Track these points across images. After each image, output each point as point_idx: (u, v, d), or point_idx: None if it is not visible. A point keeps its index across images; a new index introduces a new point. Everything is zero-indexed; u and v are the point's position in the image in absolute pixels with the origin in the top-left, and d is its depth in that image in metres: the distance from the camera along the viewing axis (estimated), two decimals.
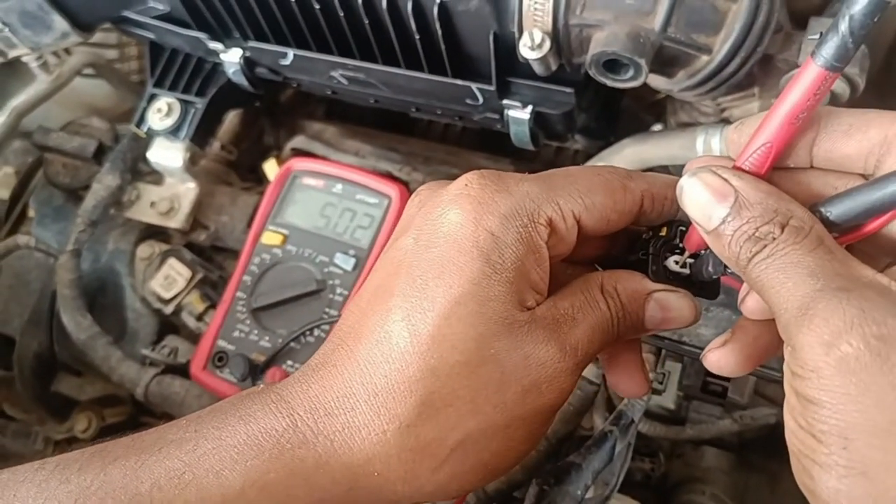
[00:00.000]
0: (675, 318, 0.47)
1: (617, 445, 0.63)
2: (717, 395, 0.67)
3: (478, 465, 0.43)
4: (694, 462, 0.98)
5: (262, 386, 0.45)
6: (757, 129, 0.41)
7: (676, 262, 0.47)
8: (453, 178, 1.01)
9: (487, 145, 1.12)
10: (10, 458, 1.10)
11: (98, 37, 1.30)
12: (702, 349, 0.65)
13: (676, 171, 0.92)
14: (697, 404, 0.87)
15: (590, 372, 0.70)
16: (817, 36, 0.43)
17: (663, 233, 0.47)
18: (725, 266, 0.43)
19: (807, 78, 0.39)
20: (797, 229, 0.38)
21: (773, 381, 0.67)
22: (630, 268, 0.48)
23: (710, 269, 0.45)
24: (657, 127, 0.94)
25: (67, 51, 1.22)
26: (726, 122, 0.85)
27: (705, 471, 0.97)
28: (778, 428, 0.97)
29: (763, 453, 1.03)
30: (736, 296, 0.55)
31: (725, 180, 0.40)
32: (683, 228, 0.47)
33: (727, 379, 0.67)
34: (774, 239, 0.38)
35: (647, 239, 0.48)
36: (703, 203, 0.40)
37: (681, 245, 0.47)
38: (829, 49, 0.37)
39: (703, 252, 0.46)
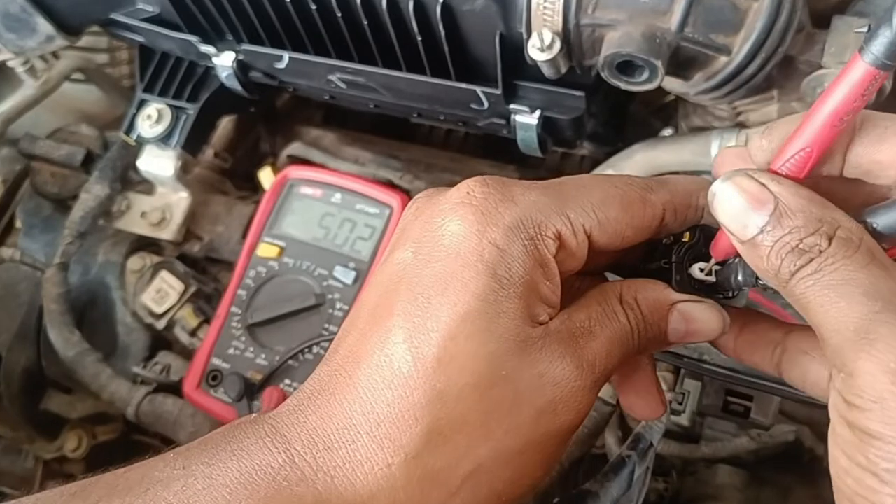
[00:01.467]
0: (701, 330, 0.43)
1: (636, 471, 0.60)
2: (739, 416, 0.64)
3: (491, 495, 0.39)
4: (707, 479, 0.94)
5: (254, 415, 0.41)
6: (795, 131, 0.38)
7: (701, 270, 0.43)
8: (455, 184, 0.97)
9: (491, 152, 1.08)
10: (1, 476, 1.07)
11: (87, 40, 1.26)
12: (724, 368, 0.62)
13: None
14: (712, 420, 0.83)
15: (604, 392, 0.66)
16: (865, 29, 0.39)
17: (686, 238, 0.44)
18: (758, 278, 0.40)
19: (853, 76, 0.35)
20: (846, 241, 0.35)
21: (801, 401, 0.64)
22: (650, 277, 0.44)
23: (739, 278, 0.41)
24: (667, 131, 0.91)
25: (56, 55, 1.18)
26: (742, 126, 0.81)
27: (718, 488, 0.94)
28: (794, 444, 0.93)
29: (774, 467, 0.99)
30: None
31: (763, 185, 0.37)
32: (709, 233, 0.43)
33: (749, 398, 0.64)
34: (821, 252, 0.34)
35: (669, 245, 0.45)
36: (739, 210, 0.37)
37: (705, 251, 0.43)
38: (880, 45, 0.34)
39: (732, 260, 0.42)
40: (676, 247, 0.44)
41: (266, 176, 0.92)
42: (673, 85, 0.73)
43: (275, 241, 0.83)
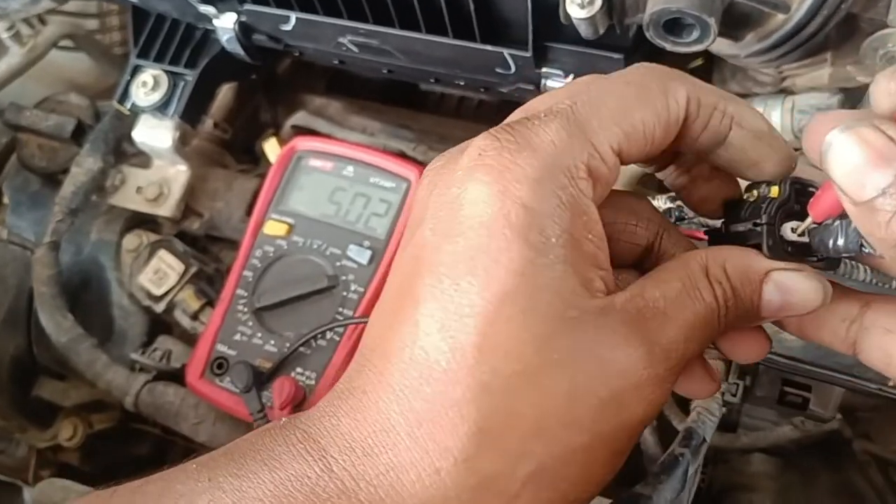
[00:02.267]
0: (799, 302, 0.37)
1: (689, 469, 0.55)
2: (797, 408, 0.59)
3: (555, 497, 0.34)
4: (740, 468, 0.89)
5: (283, 420, 0.36)
6: None
7: (794, 230, 0.37)
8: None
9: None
10: None
11: (76, 5, 1.19)
12: (783, 356, 0.57)
13: None
14: (750, 407, 0.79)
15: None
16: None
17: (774, 194, 0.38)
18: (862, 246, 0.34)
19: None
20: None
21: (867, 393, 0.58)
22: (731, 242, 0.39)
23: (839, 243, 0.35)
24: None
25: (42, 20, 1.12)
26: (786, 92, 0.75)
27: (752, 477, 0.89)
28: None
29: (800, 450, 0.96)
30: None
31: (891, 139, 0.31)
32: (801, 187, 0.38)
33: (808, 388, 0.58)
34: None
35: (755, 202, 0.39)
36: (857, 166, 0.31)
37: (798, 208, 0.37)
38: None
39: (833, 222, 0.36)
40: (765, 205, 0.38)
41: (271, 147, 0.85)
42: (721, 47, 0.67)
43: (283, 217, 0.77)
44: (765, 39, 0.63)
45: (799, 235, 0.37)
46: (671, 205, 0.64)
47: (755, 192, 0.39)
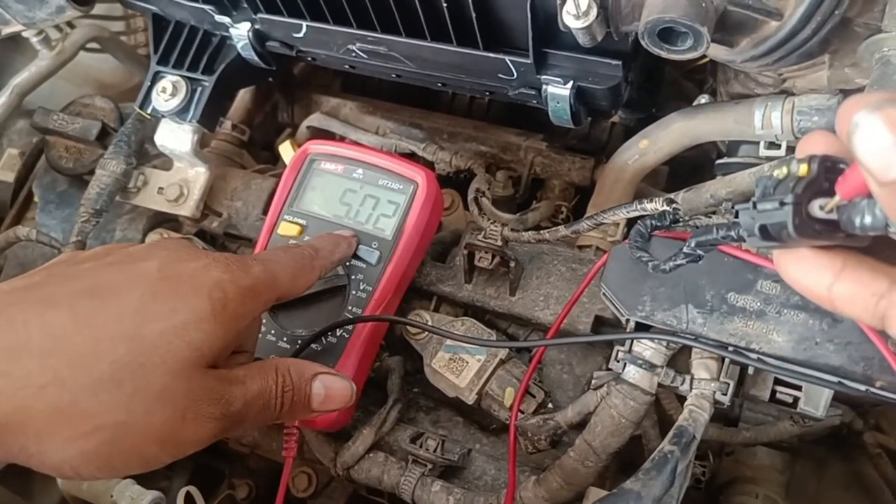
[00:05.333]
0: (337, 395, 0.59)
1: (678, 467, 0.57)
2: (788, 406, 0.60)
3: (108, 453, 0.47)
4: (745, 460, 0.91)
5: None
6: None
7: (822, 208, 0.38)
8: (481, 154, 0.93)
9: (517, 120, 1.04)
10: None
11: (102, 8, 1.23)
12: (772, 356, 0.58)
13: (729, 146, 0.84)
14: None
15: (645, 381, 0.63)
16: None
17: (803, 172, 0.38)
18: (888, 225, 0.35)
19: None
20: None
21: (855, 398, 0.60)
22: (765, 215, 0.39)
23: (866, 221, 0.36)
24: (704, 98, 0.86)
25: (70, 24, 1.15)
26: (787, 93, 0.76)
27: (757, 469, 0.91)
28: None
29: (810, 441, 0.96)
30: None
31: None
32: (828, 164, 0.38)
33: (799, 388, 0.60)
34: None
35: (782, 180, 0.39)
36: (884, 146, 0.32)
37: (827, 185, 0.38)
38: None
39: (860, 200, 0.36)
40: (793, 183, 0.38)
41: (286, 150, 0.88)
42: (717, 52, 0.68)
43: (295, 218, 0.80)
44: (760, 45, 0.64)
45: (827, 213, 0.38)
46: (667, 207, 0.65)
47: (785, 169, 0.39)
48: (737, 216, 0.43)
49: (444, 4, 0.67)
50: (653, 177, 0.99)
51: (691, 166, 0.97)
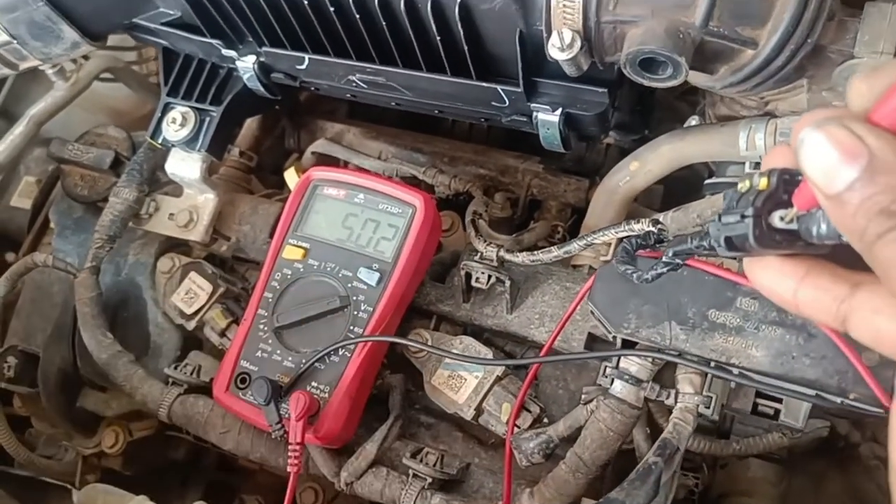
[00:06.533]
0: None
1: (662, 477, 0.59)
2: (769, 418, 0.63)
3: None
4: (739, 473, 0.93)
5: None
6: None
7: (782, 218, 0.40)
8: (480, 177, 0.96)
9: (516, 143, 1.07)
10: (44, 468, 1.09)
11: (115, 39, 1.27)
12: (752, 370, 0.61)
13: (718, 168, 0.87)
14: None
15: (631, 395, 0.66)
16: None
17: (763, 186, 0.40)
18: (841, 235, 0.37)
19: None
20: None
21: (832, 413, 0.62)
22: (727, 229, 0.41)
23: (822, 230, 0.38)
24: (694, 120, 0.89)
25: (84, 56, 1.20)
26: (770, 115, 0.79)
27: (751, 482, 0.92)
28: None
29: (807, 453, 0.98)
30: (791, 315, 0.48)
31: (858, 137, 0.33)
32: (787, 177, 0.40)
33: (779, 400, 0.62)
34: None
35: (744, 194, 0.41)
36: (827, 162, 0.34)
37: (786, 197, 0.40)
38: None
39: (816, 210, 0.38)
40: (753, 197, 0.40)
41: (291, 176, 0.92)
42: (698, 79, 0.72)
43: (300, 242, 0.83)
44: (737, 72, 0.67)
45: (787, 223, 0.39)
46: (652, 228, 0.68)
47: (747, 183, 0.41)
48: (710, 230, 0.45)
49: (438, 39, 0.71)
50: (648, 196, 1.02)
51: (685, 185, 1.00)
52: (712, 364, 0.61)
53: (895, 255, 0.32)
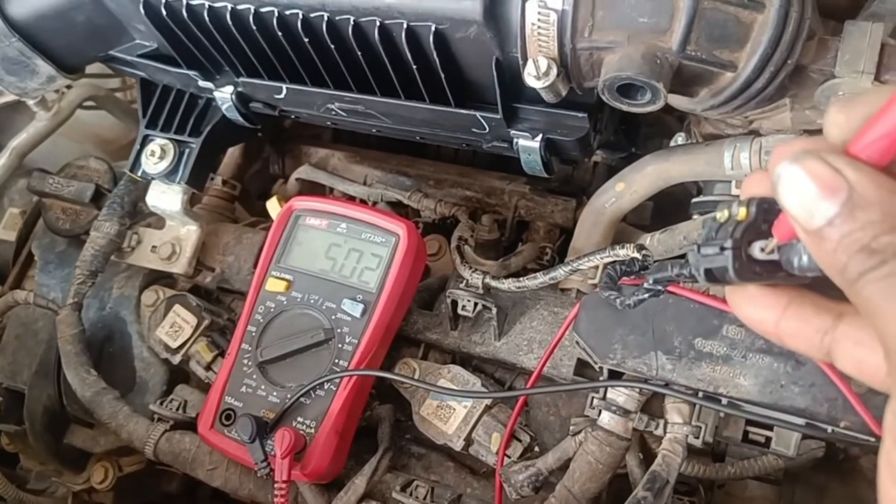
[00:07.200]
0: None
1: None
2: (760, 446, 0.61)
3: None
4: (737, 493, 0.91)
5: None
6: (882, 109, 0.32)
7: (762, 249, 0.38)
8: (467, 199, 0.95)
9: (501, 164, 1.06)
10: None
11: (96, 67, 1.27)
12: (741, 400, 0.60)
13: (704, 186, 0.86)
14: None
15: (619, 427, 0.64)
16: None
17: (742, 216, 0.39)
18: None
19: None
20: None
21: (822, 440, 0.61)
22: (707, 261, 0.40)
23: (803, 262, 0.36)
24: (680, 138, 0.88)
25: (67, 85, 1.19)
26: (755, 133, 0.78)
27: (748, 502, 0.91)
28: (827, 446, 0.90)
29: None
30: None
31: (837, 171, 0.32)
32: (767, 206, 0.38)
33: (770, 427, 0.61)
34: None
35: (723, 224, 0.40)
36: (806, 197, 0.33)
37: (766, 227, 0.38)
38: None
39: (796, 242, 0.37)
40: (732, 228, 0.39)
41: (273, 206, 0.90)
42: (679, 102, 0.71)
43: (282, 274, 0.82)
44: (718, 95, 0.66)
45: (768, 254, 0.38)
46: (637, 254, 0.67)
47: (726, 213, 0.40)
48: (689, 260, 0.44)
49: (415, 67, 0.70)
50: (638, 212, 1.00)
51: (675, 201, 0.99)
52: (700, 394, 0.60)
53: (876, 294, 0.31)
